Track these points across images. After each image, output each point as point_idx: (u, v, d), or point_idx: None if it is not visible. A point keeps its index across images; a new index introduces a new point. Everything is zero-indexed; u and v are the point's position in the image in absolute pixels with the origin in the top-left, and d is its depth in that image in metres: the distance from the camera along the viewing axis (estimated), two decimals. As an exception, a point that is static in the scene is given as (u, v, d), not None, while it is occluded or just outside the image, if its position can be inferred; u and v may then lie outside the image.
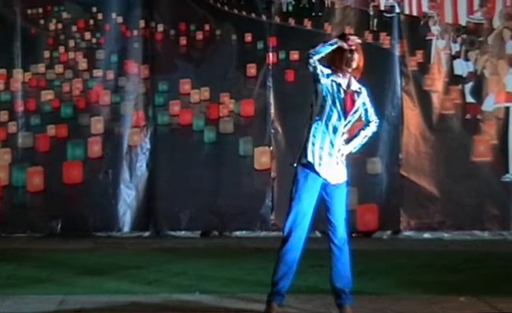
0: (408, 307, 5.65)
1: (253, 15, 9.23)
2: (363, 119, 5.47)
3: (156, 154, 9.18)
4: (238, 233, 9.15)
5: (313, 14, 9.24)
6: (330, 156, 5.31)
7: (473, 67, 9.31)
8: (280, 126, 9.17)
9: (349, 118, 5.34)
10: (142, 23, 9.26)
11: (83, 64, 9.24)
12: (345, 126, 5.34)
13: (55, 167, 9.11)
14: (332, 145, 5.31)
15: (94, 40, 9.28)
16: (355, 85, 5.41)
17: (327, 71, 5.31)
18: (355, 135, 5.45)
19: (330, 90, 5.28)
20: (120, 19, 9.25)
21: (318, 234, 9.16)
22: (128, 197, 9.15)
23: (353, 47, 5.34)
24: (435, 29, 9.31)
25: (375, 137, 8.93)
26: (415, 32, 9.28)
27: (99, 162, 9.16)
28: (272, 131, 9.19)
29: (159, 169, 9.16)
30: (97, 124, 9.18)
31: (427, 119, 9.24)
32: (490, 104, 9.30)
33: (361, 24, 9.23)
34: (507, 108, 9.30)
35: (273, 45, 9.18)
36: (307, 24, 9.22)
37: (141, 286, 6.36)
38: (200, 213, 9.06)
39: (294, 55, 9.14)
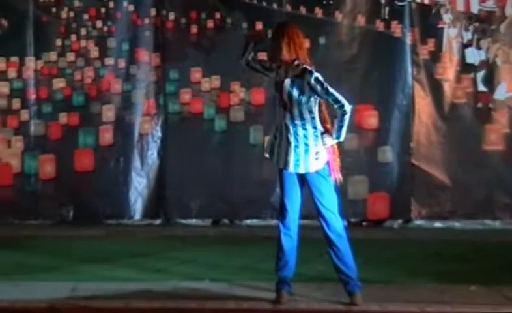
0: (418, 296, 5.65)
1: (264, 3, 9.20)
2: (330, 103, 5.44)
3: (167, 142, 9.19)
4: (248, 221, 9.15)
5: (324, 2, 9.19)
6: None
7: (485, 55, 9.25)
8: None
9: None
10: (153, 11, 9.25)
11: (94, 52, 9.25)
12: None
13: (67, 155, 9.13)
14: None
15: (105, 28, 9.29)
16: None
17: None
18: (336, 127, 5.45)
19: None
20: (131, 8, 9.24)
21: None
22: (139, 185, 9.17)
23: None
24: (447, 17, 9.26)
25: (386, 126, 9.14)
26: (427, 20, 9.22)
27: (110, 149, 9.18)
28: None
29: (170, 158, 9.17)
30: (108, 112, 9.19)
31: (439, 107, 9.20)
32: (502, 92, 9.25)
33: (373, 12, 9.18)
34: (519, 97, 9.26)
35: (284, 33, 9.14)
36: (318, 12, 9.18)
37: (151, 274, 6.39)
38: (210, 201, 9.07)
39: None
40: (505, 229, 9.00)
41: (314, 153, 5.39)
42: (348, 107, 5.46)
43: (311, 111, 5.41)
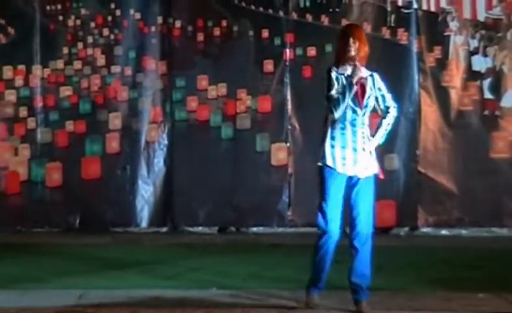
0: (426, 304, 5.63)
1: (270, 11, 9.22)
2: (381, 105, 5.39)
3: (174, 150, 9.21)
4: (255, 229, 9.15)
5: (330, 9, 9.22)
6: (355, 151, 5.27)
7: (492, 63, 9.25)
8: (297, 122, 9.16)
9: (364, 106, 5.29)
10: (160, 19, 9.28)
11: (101, 60, 9.28)
12: (363, 115, 5.30)
13: (74, 162, 9.16)
14: (354, 140, 5.26)
15: (112, 36, 9.32)
16: (364, 72, 5.36)
17: (334, 74, 5.27)
18: (378, 127, 5.39)
19: (339, 86, 5.25)
20: (138, 16, 9.28)
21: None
22: (146, 193, 9.19)
23: (348, 33, 5.34)
24: (453, 25, 9.26)
25: (393, 133, 9.10)
26: (433, 28, 9.23)
27: (117, 157, 9.20)
28: (289, 127, 9.18)
29: (176, 165, 9.19)
30: (115, 120, 9.22)
31: (445, 115, 9.19)
32: (508, 99, 9.24)
33: (379, 20, 9.20)
34: (526, 104, 9.24)
35: (291, 41, 9.17)
36: (325, 20, 9.20)
37: (158, 281, 6.39)
38: (217, 209, 9.07)
39: (311, 51, 9.13)
40: (512, 237, 8.99)
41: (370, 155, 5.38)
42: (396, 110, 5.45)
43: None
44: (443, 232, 9.12)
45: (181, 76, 9.25)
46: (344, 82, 5.26)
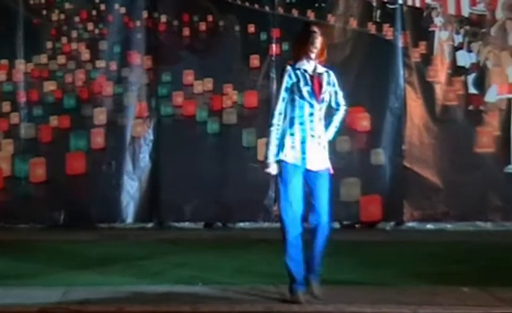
0: (411, 298, 5.64)
1: (256, 6, 9.21)
2: (333, 102, 5.54)
3: (159, 145, 9.17)
4: (241, 224, 9.15)
5: (316, 4, 9.22)
6: (313, 145, 5.38)
7: (476, 58, 9.30)
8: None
9: (321, 101, 5.42)
10: (145, 14, 9.24)
11: (85, 54, 9.23)
12: (320, 110, 5.43)
13: (58, 158, 9.10)
14: (313, 135, 5.37)
15: (96, 31, 9.27)
16: (321, 69, 5.49)
17: (290, 73, 5.39)
18: (330, 123, 5.53)
19: (296, 81, 5.36)
20: (123, 10, 9.23)
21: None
22: (131, 189, 9.15)
23: (314, 30, 5.44)
24: (438, 21, 9.29)
25: (379, 128, 9.15)
26: (418, 23, 9.26)
27: (102, 153, 9.15)
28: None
29: (162, 160, 9.16)
30: (100, 115, 9.17)
31: (430, 110, 9.23)
32: (493, 95, 9.29)
33: (364, 15, 9.21)
34: (510, 99, 9.28)
35: (277, 36, 9.16)
36: (311, 15, 9.20)
37: (143, 277, 6.36)
38: (203, 204, 9.06)
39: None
40: (497, 231, 9.04)
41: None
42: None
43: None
44: (429, 226, 9.16)
45: (167, 71, 9.21)
46: (301, 77, 5.38)
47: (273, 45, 9.16)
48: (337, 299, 5.50)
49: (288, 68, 5.45)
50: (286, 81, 5.40)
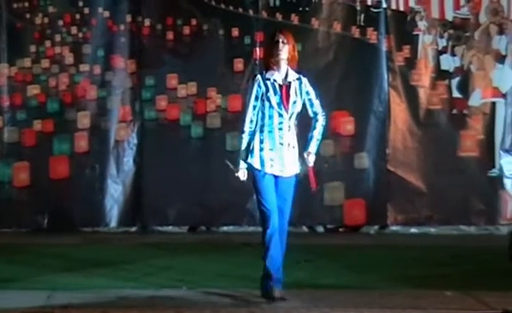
0: (395, 302, 5.66)
1: (240, 10, 9.21)
2: (310, 112, 5.62)
3: (143, 149, 9.15)
4: (225, 228, 9.14)
5: (300, 8, 9.23)
6: (282, 153, 5.53)
7: (460, 62, 9.33)
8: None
9: (290, 110, 5.51)
10: (129, 18, 9.22)
11: (69, 58, 9.20)
12: (289, 119, 5.52)
13: (41, 162, 9.07)
14: (282, 143, 5.51)
15: (80, 35, 9.24)
16: (292, 76, 5.56)
17: (260, 82, 5.49)
18: (311, 139, 5.61)
19: (265, 91, 5.48)
20: (106, 14, 9.21)
21: (305, 229, 9.21)
22: (115, 192, 9.12)
23: (279, 39, 5.49)
24: (422, 24, 9.33)
25: (363, 132, 9.18)
26: (402, 27, 9.29)
27: (86, 156, 9.13)
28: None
29: (146, 164, 9.14)
30: (83, 119, 9.14)
31: (414, 114, 9.26)
32: (476, 99, 9.33)
33: (348, 19, 9.23)
34: (494, 103, 9.33)
35: (261, 40, 9.16)
36: (294, 19, 9.21)
37: (127, 281, 6.35)
38: (187, 208, 9.04)
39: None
40: (480, 235, 9.08)
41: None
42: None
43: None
44: (413, 230, 9.19)
45: (150, 75, 9.20)
46: (271, 87, 5.49)
47: (257, 49, 9.15)
48: (320, 303, 5.51)
49: (258, 77, 5.58)
50: (256, 90, 5.53)
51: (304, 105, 5.60)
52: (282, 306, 5.50)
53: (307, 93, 5.59)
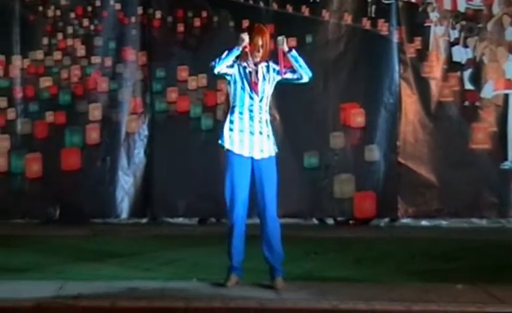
0: (405, 294, 5.66)
1: (251, 1, 9.19)
2: (291, 75, 5.88)
3: (154, 141, 9.17)
4: (235, 220, 9.13)
5: (311, 0, 9.20)
6: (252, 134, 5.72)
7: (472, 54, 9.28)
8: (277, 112, 9.14)
9: (260, 93, 5.74)
10: (140, 10, 9.23)
11: (81, 50, 9.22)
12: (260, 101, 5.76)
13: (53, 153, 9.10)
14: (252, 124, 5.71)
15: (92, 27, 9.26)
16: (262, 63, 5.82)
17: (230, 63, 5.78)
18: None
19: (238, 76, 5.77)
20: (118, 6, 9.22)
21: (315, 221, 9.21)
22: (126, 184, 9.15)
23: (259, 43, 5.80)
24: (433, 16, 9.28)
25: (373, 124, 9.14)
26: (414, 18, 9.24)
27: (97, 148, 9.15)
28: (269, 117, 9.14)
29: (156, 156, 9.15)
30: (95, 111, 9.17)
31: (425, 106, 9.22)
32: (489, 90, 9.28)
33: (359, 10, 9.19)
34: (506, 95, 9.28)
35: (271, 32, 9.10)
36: (305, 11, 9.19)
37: (138, 273, 6.37)
38: (197, 200, 9.05)
39: (292, 42, 9.03)
40: (491, 228, 9.04)
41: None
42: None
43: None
44: (423, 223, 9.16)
45: (161, 67, 9.20)
46: (241, 71, 5.75)
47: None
48: (330, 296, 5.52)
49: (235, 64, 5.83)
50: (232, 73, 5.80)
51: (288, 82, 5.83)
52: (291, 298, 5.51)
53: (274, 70, 5.81)
